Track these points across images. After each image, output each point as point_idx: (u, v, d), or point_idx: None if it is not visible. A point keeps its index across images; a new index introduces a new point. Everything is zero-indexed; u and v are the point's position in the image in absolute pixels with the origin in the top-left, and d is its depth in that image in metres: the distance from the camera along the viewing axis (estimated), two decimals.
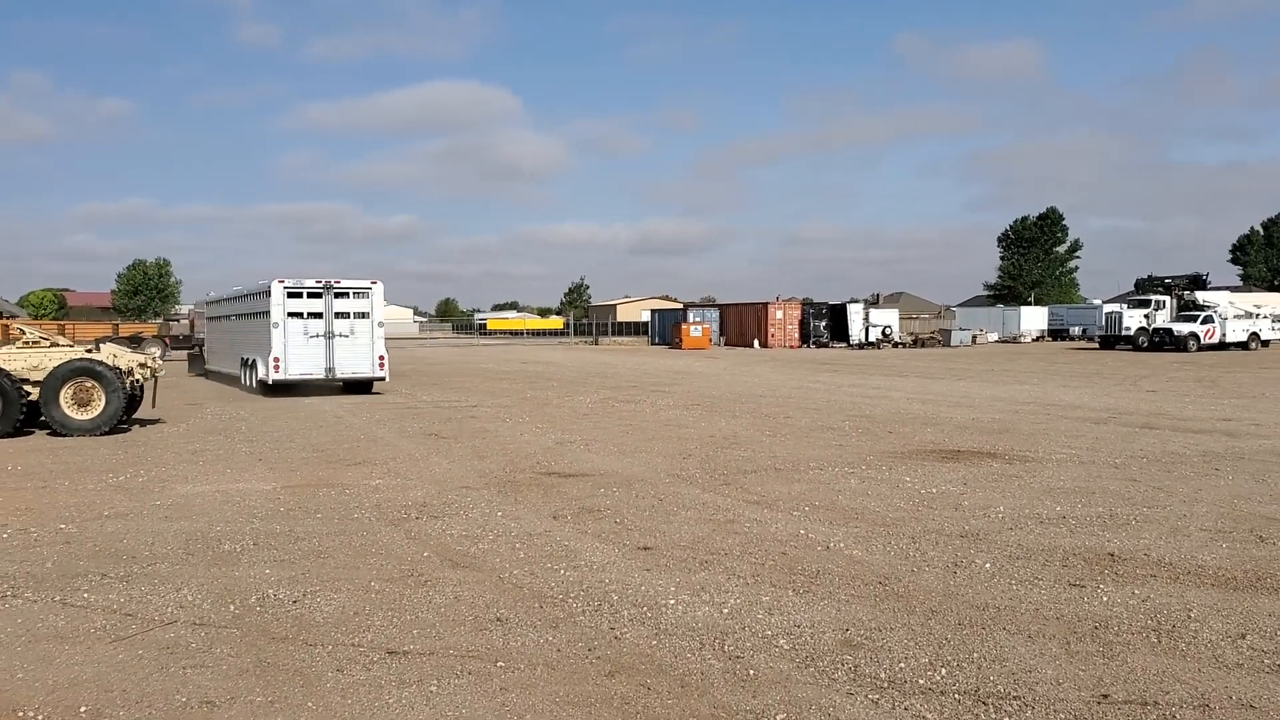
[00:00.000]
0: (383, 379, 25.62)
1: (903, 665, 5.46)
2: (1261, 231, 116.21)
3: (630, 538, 8.53)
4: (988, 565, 7.52)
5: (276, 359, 24.42)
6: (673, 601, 6.66)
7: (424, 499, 10.49)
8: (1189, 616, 6.21)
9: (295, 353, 24.60)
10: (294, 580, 7.30)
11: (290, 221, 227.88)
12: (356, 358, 25.14)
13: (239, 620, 6.38)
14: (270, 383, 24.53)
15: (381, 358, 25.32)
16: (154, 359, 18.05)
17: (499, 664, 5.54)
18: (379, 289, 25.65)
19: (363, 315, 25.30)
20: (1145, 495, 10.26)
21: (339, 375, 25.08)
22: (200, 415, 19.92)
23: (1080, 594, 6.75)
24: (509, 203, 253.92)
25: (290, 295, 24.79)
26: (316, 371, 24.79)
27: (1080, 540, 8.31)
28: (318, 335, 24.80)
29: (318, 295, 24.96)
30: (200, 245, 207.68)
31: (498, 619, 6.36)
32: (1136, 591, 6.78)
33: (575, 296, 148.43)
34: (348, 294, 25.22)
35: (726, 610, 6.46)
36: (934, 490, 10.67)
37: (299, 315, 24.73)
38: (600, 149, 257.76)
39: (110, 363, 16.76)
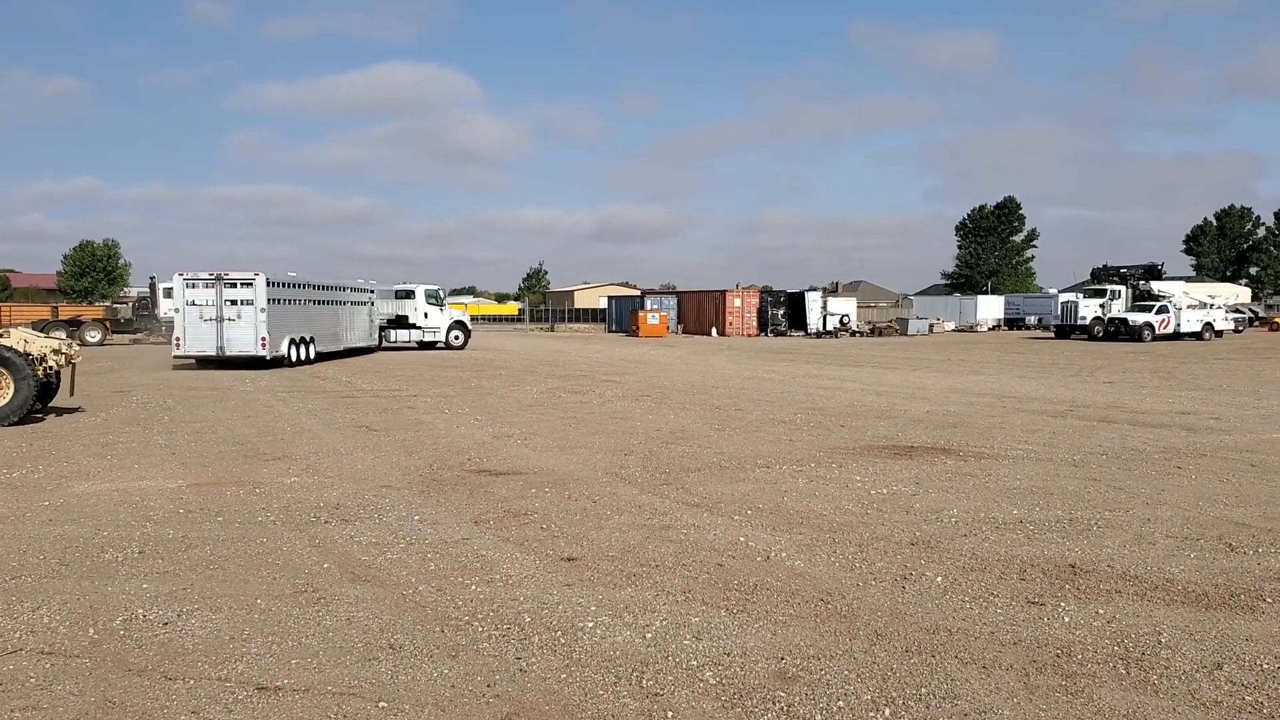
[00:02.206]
0: (264, 357, 29.28)
1: (841, 704, 4.81)
2: (1215, 222, 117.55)
3: (555, 547, 7.83)
4: (939, 579, 6.91)
5: (177, 339, 29.77)
6: (591, 624, 5.97)
7: (338, 500, 9.72)
8: (1159, 641, 5.62)
9: (192, 333, 29.52)
10: (171, 597, 6.53)
11: (246, 204, 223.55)
12: (242, 338, 29.41)
13: (95, 648, 5.61)
14: (173, 358, 30.24)
15: (264, 339, 29.35)
16: (70, 345, 17.03)
17: (380, 704, 4.82)
18: (261, 279, 29.66)
19: (248, 302, 29.50)
20: (1106, 497, 9.72)
21: (227, 353, 29.43)
22: (124, 404, 18.94)
23: (1040, 614, 6.15)
24: (469, 187, 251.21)
25: (189, 286, 29.65)
26: (210, 349, 29.46)
27: (1039, 549, 7.72)
28: (210, 320, 29.46)
29: (211, 286, 29.61)
30: (153, 227, 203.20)
31: (391, 646, 5.64)
32: (1101, 611, 6.19)
33: (534, 282, 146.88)
34: (235, 284, 29.60)
35: (650, 634, 5.78)
36: (884, 491, 10.06)
37: (194, 304, 29.56)
38: (559, 133, 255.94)
39: (20, 349, 15.76)
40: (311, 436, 14.37)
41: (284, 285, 31.45)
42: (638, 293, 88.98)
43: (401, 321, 42.88)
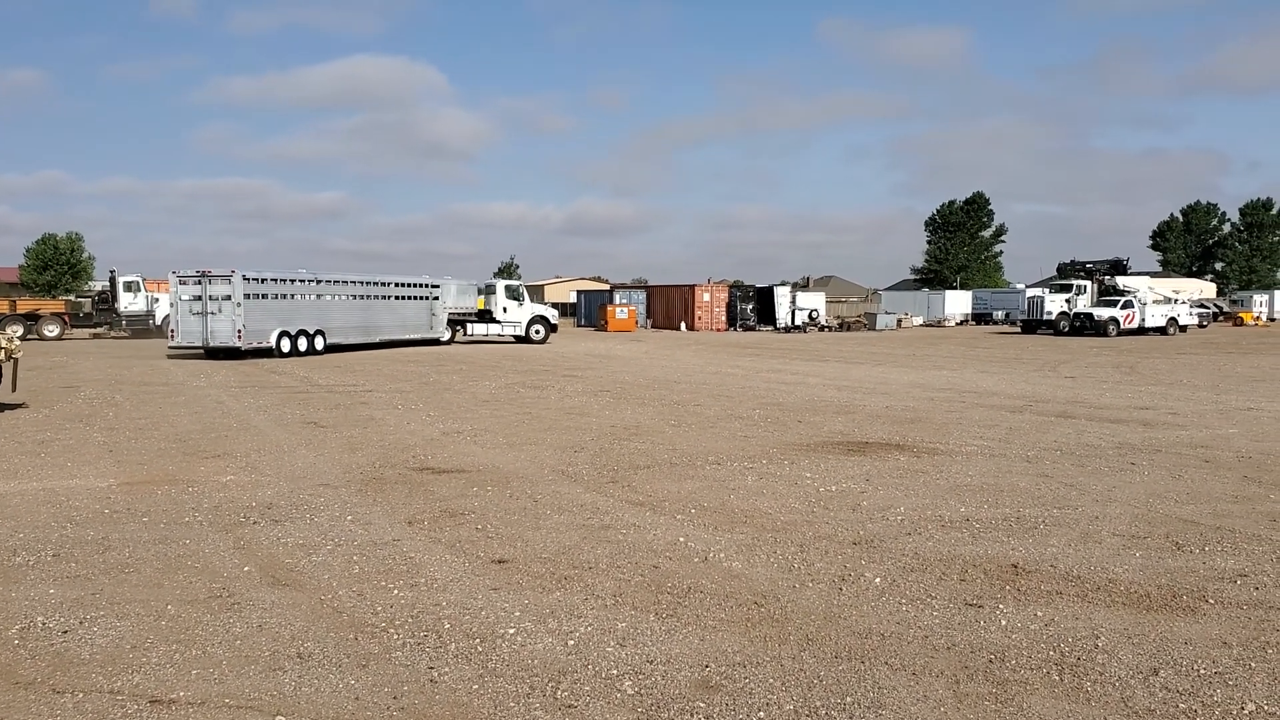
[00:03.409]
0: (239, 348, 31.38)
1: (762, 715, 4.61)
2: (1181, 218, 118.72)
3: (487, 548, 7.58)
4: (878, 580, 6.72)
5: (172, 331, 32.58)
6: (513, 631, 5.73)
7: (272, 499, 9.43)
8: (1096, 646, 5.46)
9: (184, 326, 32.03)
10: (77, 603, 6.24)
11: (213, 197, 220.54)
12: (224, 330, 31.63)
13: None
14: (169, 348, 32.81)
15: (239, 330, 31.38)
16: (11, 340, 16.59)
17: (277, 718, 4.57)
18: (238, 275, 31.73)
19: (227, 298, 31.68)
20: (1056, 494, 9.59)
21: (212, 344, 31.62)
22: (70, 400, 18.50)
23: (977, 617, 5.97)
24: (439, 181, 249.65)
25: (181, 282, 32.14)
26: (197, 341, 31.81)
27: (983, 548, 7.56)
28: (198, 313, 31.84)
29: (199, 282, 31.87)
30: (119, 220, 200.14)
31: (299, 655, 5.38)
32: (1039, 613, 6.02)
33: (504, 276, 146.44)
34: (215, 280, 31.83)
35: (573, 642, 5.55)
36: (834, 488, 9.89)
37: (185, 299, 31.99)
38: (529, 128, 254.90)
39: None
40: (256, 433, 14.05)
41: (271, 280, 33.26)
42: (608, 287, 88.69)
43: (485, 315, 43.28)
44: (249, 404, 17.96)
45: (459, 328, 43.11)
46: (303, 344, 33.75)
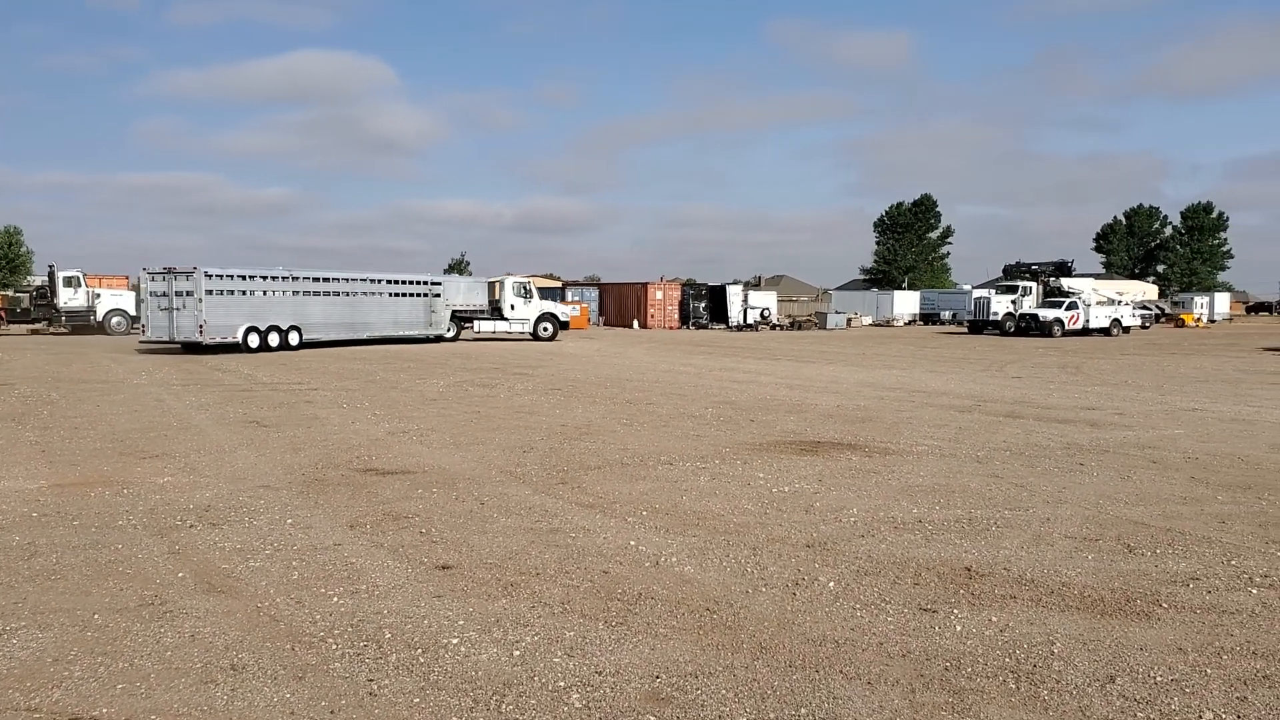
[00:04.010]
0: (200, 342, 32.18)
1: None
2: (1124, 221, 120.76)
3: (432, 553, 7.37)
4: (832, 584, 6.61)
5: (143, 326, 34.15)
6: (456, 640, 5.54)
7: (210, 501, 9.13)
8: (1052, 652, 5.38)
9: (154, 321, 33.26)
10: None
11: (157, 192, 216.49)
12: (186, 325, 32.61)
13: None
14: (139, 343, 34.61)
15: (201, 325, 32.19)
16: None
17: None
18: (200, 272, 32.56)
19: (190, 294, 32.66)
20: (1007, 495, 9.56)
21: (177, 339, 32.77)
22: (3, 397, 17.92)
23: (932, 622, 5.88)
24: (388, 176, 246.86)
25: (151, 279, 33.54)
26: (164, 335, 32.96)
27: (936, 550, 7.48)
28: (166, 309, 32.93)
29: (165, 279, 33.08)
30: (61, 214, 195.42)
31: (233, 666, 5.14)
32: (994, 618, 5.94)
33: (456, 273, 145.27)
34: (180, 277, 32.88)
35: (518, 652, 5.37)
36: (786, 489, 9.78)
37: (154, 295, 33.22)
38: (479, 123, 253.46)
39: None
40: (197, 433, 13.67)
41: (238, 276, 34.09)
42: (560, 284, 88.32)
43: (495, 312, 43.06)
44: (190, 402, 17.51)
45: (467, 324, 42.96)
46: (274, 339, 34.19)
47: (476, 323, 43.04)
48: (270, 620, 5.88)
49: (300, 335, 35.32)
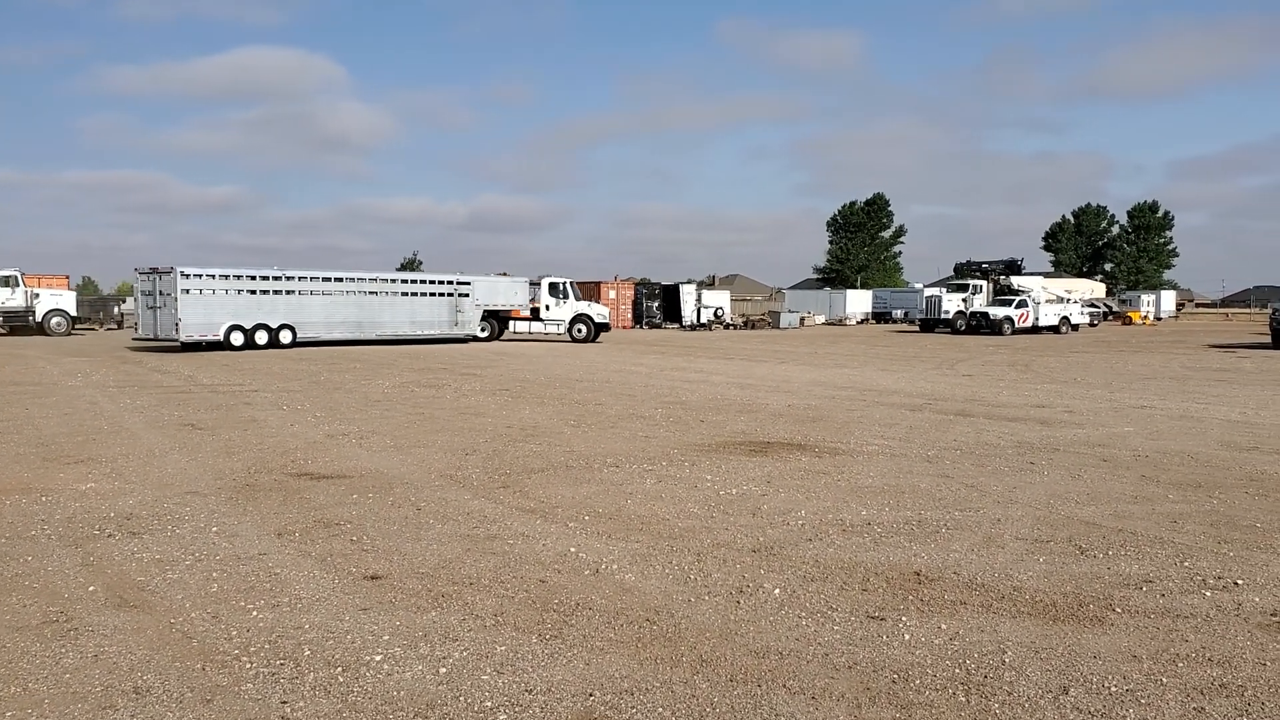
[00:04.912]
0: (177, 340, 32.91)
1: None
2: (1072, 220, 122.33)
3: (361, 563, 7.03)
4: (777, 591, 6.37)
5: (135, 324, 36.46)
6: (379, 657, 5.22)
7: (133, 509, 8.71)
8: (1003, 662, 5.17)
9: (144, 319, 34.71)
10: None
11: (103, 190, 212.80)
12: (166, 323, 33.52)
13: None
14: (132, 339, 36.59)
15: (177, 324, 32.90)
16: None
17: None
18: (177, 271, 33.25)
19: (169, 293, 33.37)
20: (957, 495, 9.39)
21: (159, 337, 33.87)
22: None
23: (879, 630, 5.65)
24: (338, 175, 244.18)
25: (140, 278, 35.02)
26: (151, 333, 34.19)
27: (884, 554, 7.27)
28: (151, 308, 34.17)
29: (150, 278, 34.23)
30: (1, 212, 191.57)
31: (136, 690, 4.79)
32: (944, 626, 5.73)
33: (408, 270, 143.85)
34: (162, 276, 33.78)
35: (445, 669, 5.06)
36: (734, 491, 9.55)
37: (144, 294, 34.72)
38: (431, 122, 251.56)
39: None
40: (128, 436, 13.17)
41: (219, 276, 34.59)
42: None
43: (535, 313, 42.73)
44: (125, 405, 16.95)
45: (504, 325, 42.73)
46: (262, 338, 34.70)
47: (514, 323, 42.80)
48: (182, 637, 5.52)
49: (294, 334, 35.59)
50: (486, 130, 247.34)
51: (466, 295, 41.08)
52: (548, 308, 42.61)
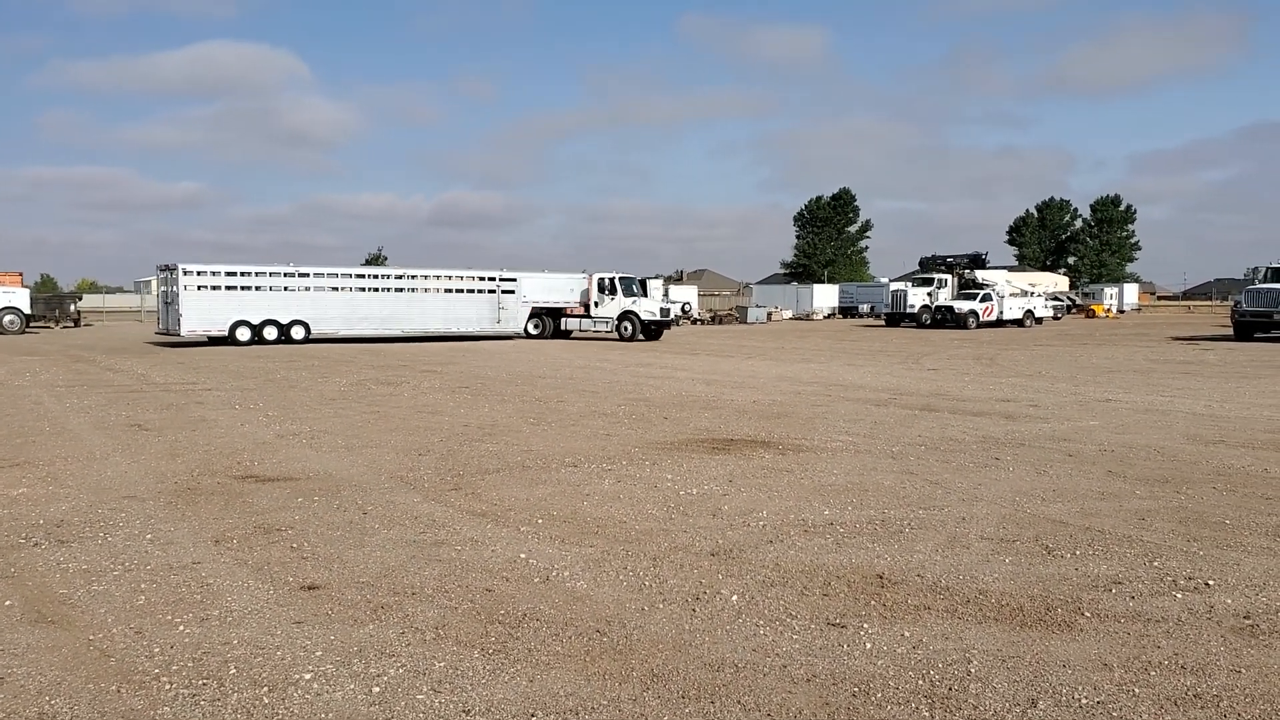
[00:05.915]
0: (180, 334, 34.16)
1: None
2: (1036, 214, 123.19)
3: (300, 571, 6.69)
4: (735, 598, 6.10)
5: (158, 319, 36.99)
6: (309, 675, 4.89)
7: (65, 515, 8.31)
8: (969, 672, 4.92)
9: (160, 315, 36.19)
10: None
11: (62, 186, 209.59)
12: (172, 319, 34.60)
13: None
14: (154, 333, 37.47)
15: (179, 319, 33.95)
16: None
17: None
18: (180, 268, 34.31)
19: (176, 290, 34.37)
20: (922, 493, 9.17)
21: (170, 332, 34.83)
22: None
23: (840, 639, 5.39)
24: (302, 171, 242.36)
25: (159, 273, 36.54)
26: (165, 329, 35.51)
27: (846, 556, 7.02)
28: (167, 304, 35.49)
29: (165, 276, 35.72)
30: None
31: (41, 715, 4.44)
32: (907, 633, 5.47)
33: (373, 266, 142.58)
34: (172, 274, 34.77)
35: (379, 688, 4.75)
36: (694, 491, 9.28)
37: (161, 291, 36.50)
38: (395, 117, 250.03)
39: None
40: (70, 438, 12.71)
41: (224, 273, 35.42)
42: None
43: (587, 310, 42.22)
44: (71, 405, 16.44)
45: (558, 322, 42.26)
46: (270, 333, 35.56)
47: (564, 320, 42.26)
48: (100, 655, 5.17)
49: (307, 330, 36.25)
50: (452, 126, 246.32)
51: (511, 292, 40.62)
52: (596, 304, 41.63)
